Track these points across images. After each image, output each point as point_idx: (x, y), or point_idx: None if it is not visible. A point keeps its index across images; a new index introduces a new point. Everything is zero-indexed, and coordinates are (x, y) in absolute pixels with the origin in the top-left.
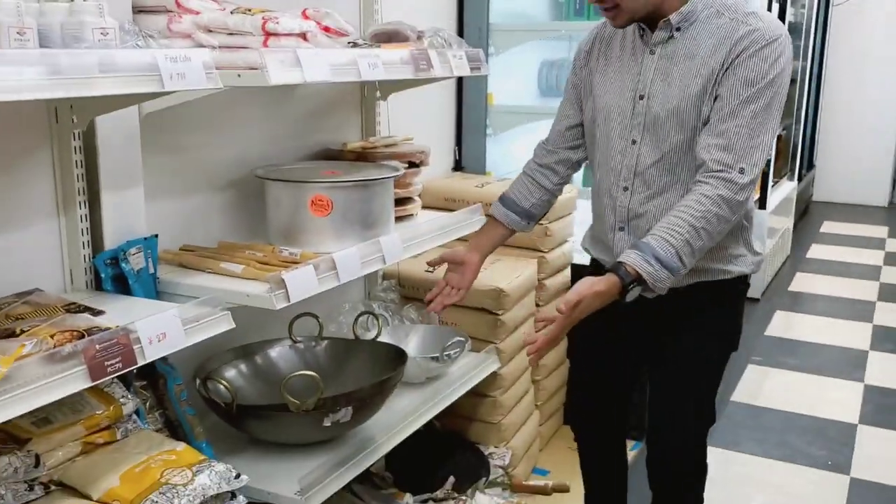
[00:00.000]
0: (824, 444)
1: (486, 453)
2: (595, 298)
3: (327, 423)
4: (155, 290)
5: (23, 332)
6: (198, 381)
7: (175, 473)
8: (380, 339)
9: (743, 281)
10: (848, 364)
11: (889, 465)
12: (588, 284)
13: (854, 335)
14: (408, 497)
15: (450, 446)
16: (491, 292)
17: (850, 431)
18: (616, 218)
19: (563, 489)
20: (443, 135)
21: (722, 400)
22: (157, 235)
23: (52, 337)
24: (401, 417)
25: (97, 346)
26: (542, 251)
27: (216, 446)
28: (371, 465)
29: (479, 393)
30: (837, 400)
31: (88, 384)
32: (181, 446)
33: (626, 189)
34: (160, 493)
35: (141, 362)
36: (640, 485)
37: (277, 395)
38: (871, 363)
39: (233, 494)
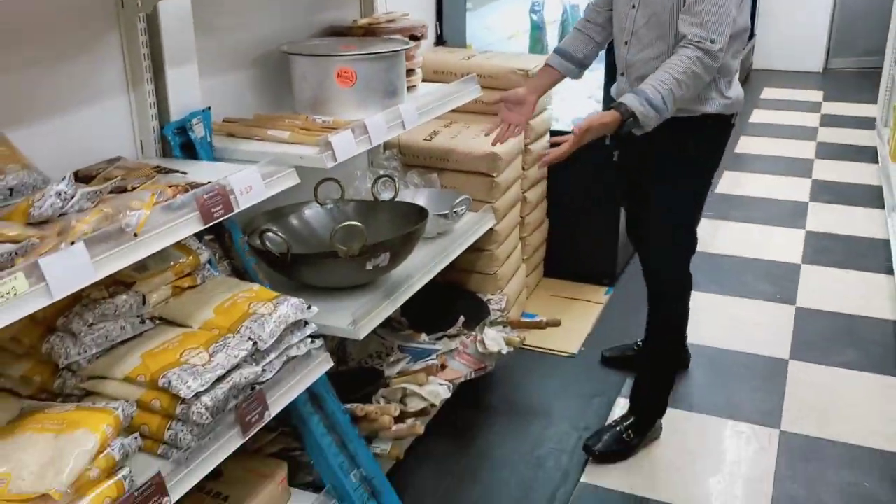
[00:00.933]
0: (773, 281)
1: (484, 300)
2: (601, 128)
3: (369, 266)
4: (213, 156)
5: (133, 188)
6: (248, 237)
7: (259, 306)
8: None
9: (714, 119)
10: (791, 214)
11: (826, 295)
12: (597, 116)
13: (795, 189)
14: (423, 336)
15: (452, 295)
16: (487, 157)
17: (794, 270)
18: (619, 66)
19: (556, 324)
20: (425, 10)
21: None
22: (210, 108)
23: (169, 188)
24: (420, 266)
25: (204, 196)
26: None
27: None
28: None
29: (476, 248)
30: (782, 245)
31: (201, 227)
32: (256, 286)
33: (626, 44)
34: (252, 321)
35: (236, 209)
36: (616, 323)
37: (317, 247)
38: (811, 213)
39: (305, 322)
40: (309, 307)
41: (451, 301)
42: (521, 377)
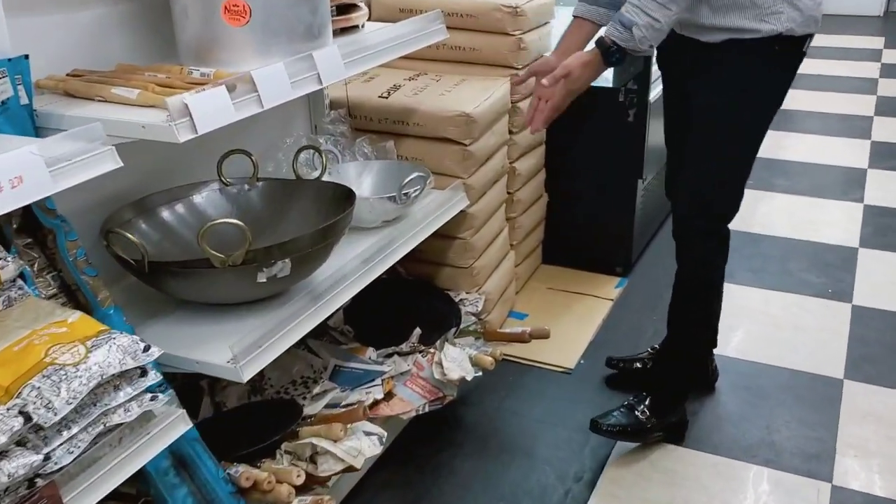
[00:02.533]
0: (823, 271)
1: (456, 300)
2: (583, 68)
3: (262, 279)
4: (33, 126)
5: None
6: (105, 237)
7: (64, 350)
8: (327, 178)
9: (781, 42)
10: (846, 184)
11: (893, 291)
12: (575, 56)
13: (851, 153)
14: (370, 351)
15: (416, 294)
16: (455, 118)
17: (850, 255)
18: None
19: (543, 335)
20: None
21: None
22: (27, 56)
23: None
24: (355, 267)
25: None
26: (515, 67)
27: (136, 311)
28: (328, 319)
29: (446, 235)
30: (836, 222)
31: None
32: (75, 315)
33: None
34: (44, 377)
35: None
36: (629, 326)
37: (196, 249)
38: (871, 182)
39: (143, 371)
40: (147, 348)
41: (415, 301)
42: (498, 401)
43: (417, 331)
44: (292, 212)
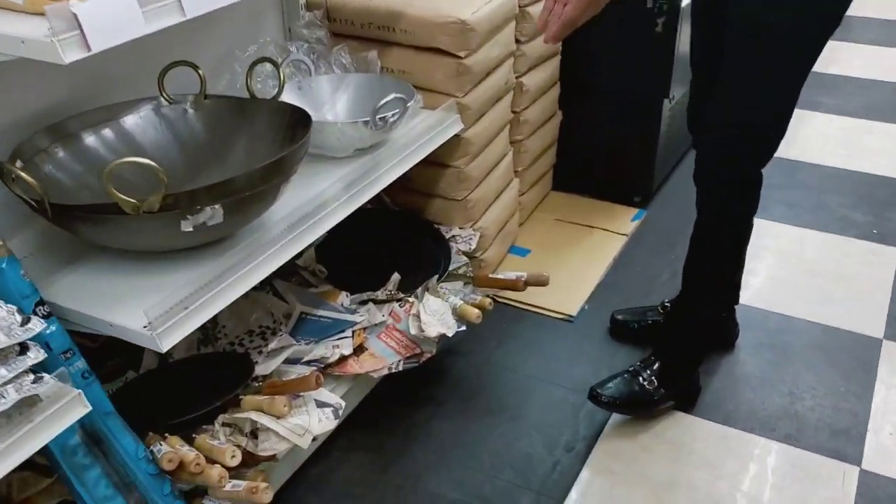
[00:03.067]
0: (870, 208)
1: (447, 236)
2: None
3: (187, 227)
4: None
5: None
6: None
7: None
8: (296, 93)
9: None
10: None
11: None
12: None
13: None
14: (343, 297)
15: (403, 228)
16: (449, 26)
17: None
18: None
19: (540, 283)
20: None
21: None
22: None
23: None
24: (322, 203)
25: None
26: None
27: (53, 258)
28: (297, 258)
29: (437, 162)
30: (889, 150)
31: None
32: None
33: None
34: None
35: None
36: (643, 267)
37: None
38: None
39: (23, 348)
40: (26, 321)
41: (400, 237)
42: (488, 351)
43: (396, 276)
44: (241, 139)
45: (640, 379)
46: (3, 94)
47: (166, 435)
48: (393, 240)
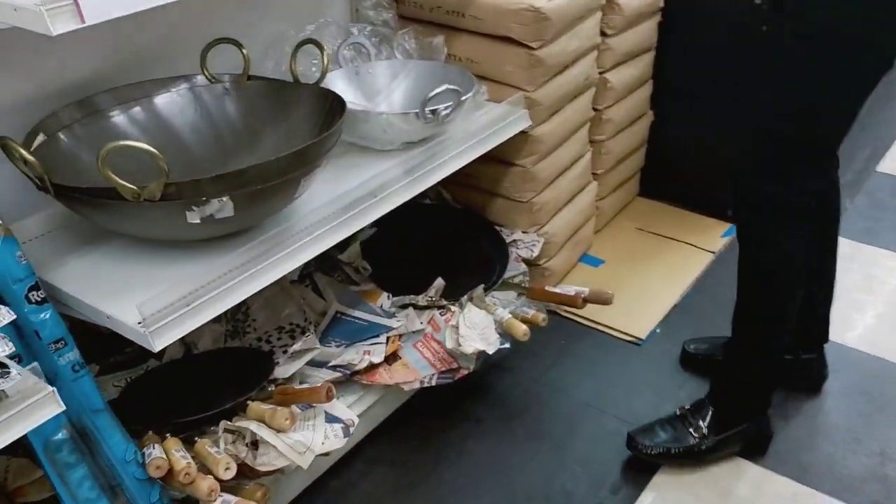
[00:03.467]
0: None
1: (508, 240)
2: None
3: (194, 219)
4: None
5: None
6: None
7: None
8: (351, 79)
9: None
10: None
11: None
12: None
13: None
14: (383, 298)
15: (460, 228)
16: (521, 13)
17: None
18: None
19: (602, 301)
20: None
21: (866, 168)
22: None
23: None
24: (358, 198)
25: None
26: None
27: (67, 238)
28: (342, 251)
29: (502, 160)
30: None
31: None
32: None
33: None
34: None
35: None
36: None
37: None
38: None
39: None
40: None
41: (456, 237)
42: (539, 369)
43: (439, 282)
44: (279, 125)
45: (688, 426)
46: (32, 65)
47: (167, 436)
48: (448, 239)
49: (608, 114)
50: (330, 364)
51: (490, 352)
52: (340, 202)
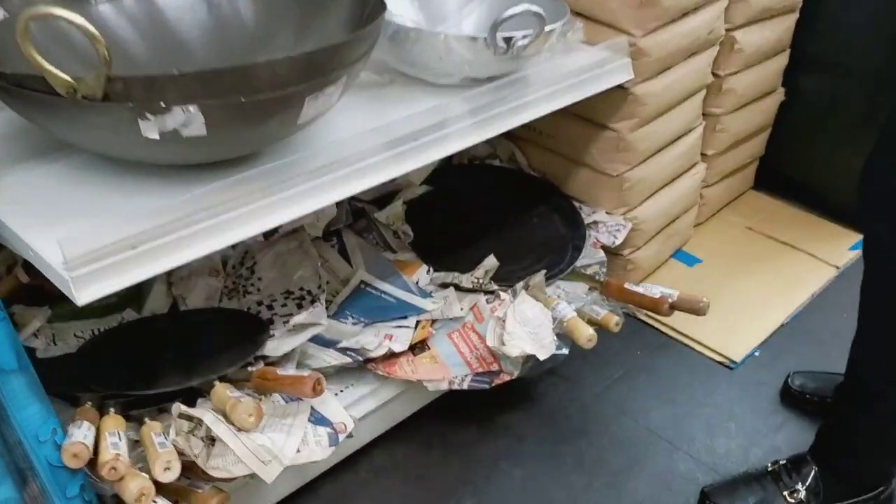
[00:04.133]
0: None
1: (587, 220)
2: None
3: (150, 132)
4: None
5: None
6: None
7: None
8: None
9: None
10: None
11: None
12: None
13: None
14: (422, 271)
15: (531, 199)
16: None
17: None
18: None
19: (694, 310)
20: None
21: None
22: None
23: None
24: (398, 137)
25: None
26: None
27: (20, 146)
28: (383, 210)
29: (591, 120)
30: None
31: None
32: None
33: None
34: None
35: None
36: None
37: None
38: None
39: None
40: None
41: (523, 210)
42: (603, 383)
43: (491, 260)
44: (302, 32)
45: (783, 487)
46: None
47: (111, 411)
48: (514, 210)
49: (731, 82)
50: (340, 345)
51: (541, 357)
52: (373, 139)
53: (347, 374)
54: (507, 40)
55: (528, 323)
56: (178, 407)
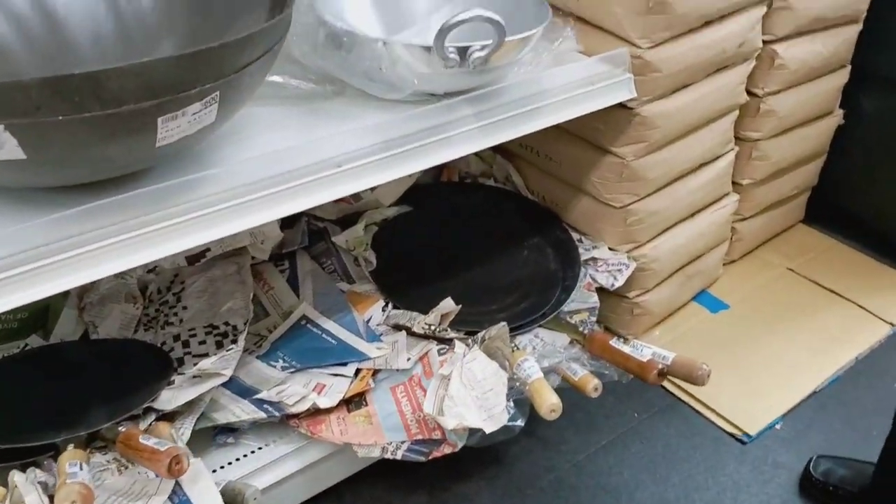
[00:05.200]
0: None
1: (584, 256)
2: None
3: None
4: None
5: None
6: None
7: None
8: None
9: None
10: None
11: None
12: None
13: None
14: (376, 308)
15: (523, 227)
16: None
17: None
18: None
19: (691, 379)
20: None
21: None
22: None
23: None
24: (303, 167)
25: None
26: None
27: None
28: (339, 236)
29: (594, 143)
30: None
31: None
32: None
33: None
34: None
35: None
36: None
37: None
38: None
39: None
40: None
41: (513, 239)
42: (582, 450)
43: (447, 304)
44: (205, 21)
45: None
46: None
47: None
48: (502, 239)
49: (770, 102)
50: (258, 395)
51: (488, 430)
52: (275, 164)
53: (269, 429)
54: (463, 51)
55: (476, 386)
56: (14, 475)
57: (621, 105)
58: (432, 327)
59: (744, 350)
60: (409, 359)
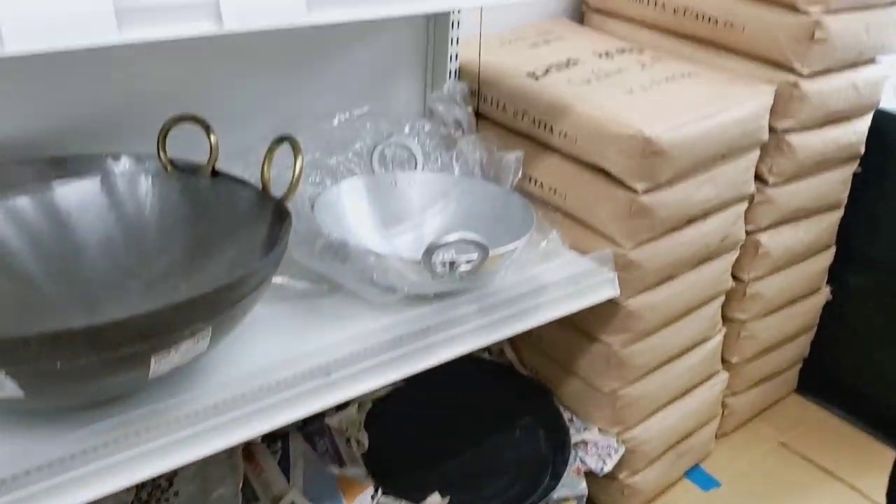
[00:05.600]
0: None
1: (574, 439)
2: None
3: None
4: None
5: None
6: None
7: None
8: (374, 192)
9: None
10: None
11: None
12: None
13: None
14: (366, 496)
15: (516, 406)
16: (624, 140)
17: None
18: None
19: None
20: None
21: None
22: None
23: None
24: (287, 378)
25: None
26: (796, 71)
27: None
28: (339, 411)
29: (580, 329)
30: None
31: None
32: None
33: None
34: None
35: None
36: None
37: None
38: None
39: None
40: None
41: (506, 420)
42: None
43: (435, 498)
44: (208, 251)
45: None
46: None
47: None
48: (495, 417)
49: (756, 287)
50: None
51: None
52: (262, 379)
53: None
54: (451, 265)
55: None
56: None
57: (611, 301)
58: None
59: None
60: None
